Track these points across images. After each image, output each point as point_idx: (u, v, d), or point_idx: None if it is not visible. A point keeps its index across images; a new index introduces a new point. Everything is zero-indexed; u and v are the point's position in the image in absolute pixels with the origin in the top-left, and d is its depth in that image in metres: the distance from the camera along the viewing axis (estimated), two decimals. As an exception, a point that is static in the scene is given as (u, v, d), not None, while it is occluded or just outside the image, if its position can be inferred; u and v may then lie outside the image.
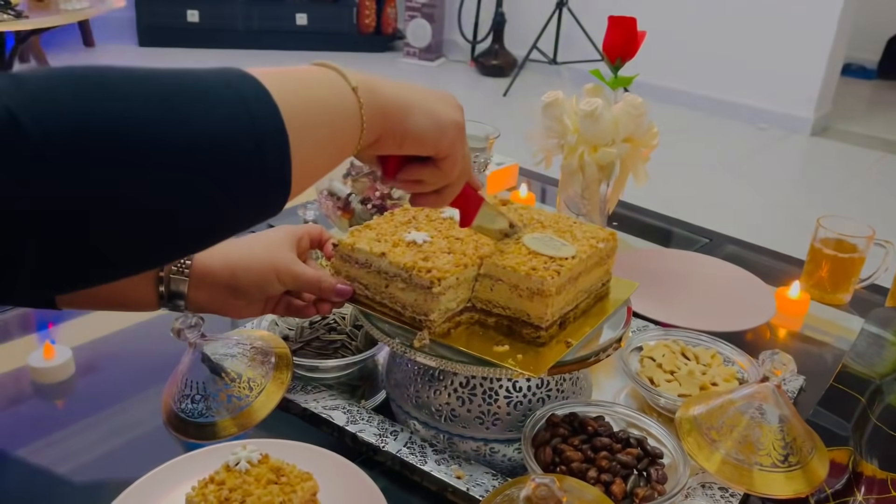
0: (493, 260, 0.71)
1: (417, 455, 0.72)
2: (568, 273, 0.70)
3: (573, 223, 0.80)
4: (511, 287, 0.70)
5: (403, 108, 0.55)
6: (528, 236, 0.75)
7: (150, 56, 4.24)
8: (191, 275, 0.70)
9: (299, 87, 0.49)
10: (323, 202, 1.15)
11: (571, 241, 0.75)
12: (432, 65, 4.55)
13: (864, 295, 1.13)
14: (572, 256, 0.72)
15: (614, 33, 1.07)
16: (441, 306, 0.69)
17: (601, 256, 0.77)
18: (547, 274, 0.68)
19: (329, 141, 0.50)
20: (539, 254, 0.72)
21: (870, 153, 3.48)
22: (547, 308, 0.69)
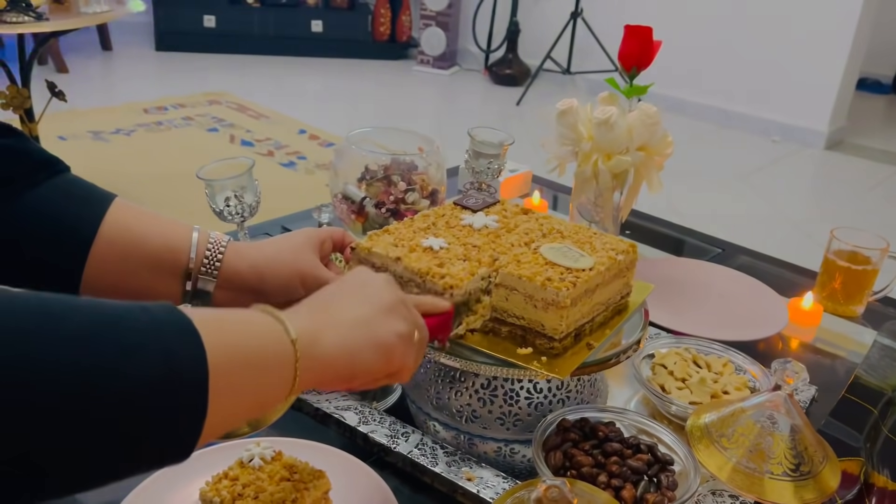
0: (508, 269, 0.71)
1: (428, 457, 0.73)
2: (584, 285, 0.70)
3: (593, 234, 0.79)
4: (526, 297, 0.70)
5: (349, 354, 0.52)
6: (545, 246, 0.75)
7: (166, 60, 4.28)
8: (219, 275, 0.69)
9: (234, 338, 0.45)
10: (337, 206, 1.15)
11: (590, 252, 0.75)
12: (446, 73, 4.57)
13: (876, 307, 1.13)
14: (590, 268, 0.72)
15: (630, 42, 1.08)
16: None
17: (620, 269, 0.77)
18: (562, 285, 0.68)
19: (252, 398, 0.46)
20: (556, 264, 0.71)
21: (884, 167, 3.47)
22: (562, 319, 0.68)
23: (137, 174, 2.69)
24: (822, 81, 3.58)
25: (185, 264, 0.67)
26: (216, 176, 0.97)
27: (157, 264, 0.66)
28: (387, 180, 1.13)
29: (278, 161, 2.96)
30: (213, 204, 0.99)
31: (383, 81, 4.35)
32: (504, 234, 0.79)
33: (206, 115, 3.43)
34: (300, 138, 3.23)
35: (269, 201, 1.24)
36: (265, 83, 4.01)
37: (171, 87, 3.81)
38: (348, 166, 1.15)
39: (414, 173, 1.14)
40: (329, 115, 3.58)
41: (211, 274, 0.68)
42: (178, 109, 3.47)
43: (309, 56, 4.56)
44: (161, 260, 0.66)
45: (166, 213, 0.70)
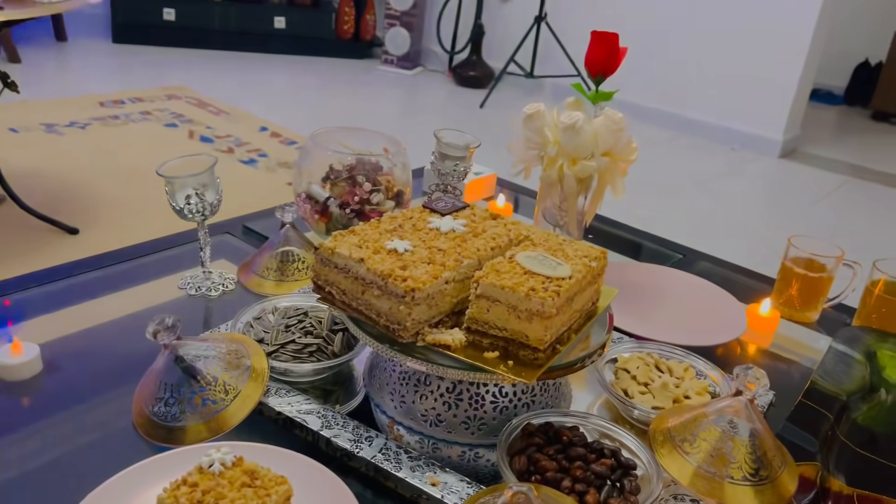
0: (489, 280, 0.69)
1: (392, 461, 0.72)
2: (566, 293, 0.70)
3: (563, 241, 0.79)
4: (509, 308, 0.69)
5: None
6: (521, 254, 0.74)
7: (123, 53, 4.18)
8: None
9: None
10: (301, 206, 1.14)
11: (564, 259, 0.75)
12: (409, 73, 4.55)
13: (830, 314, 1.16)
14: (569, 276, 0.71)
15: (597, 48, 1.09)
16: (415, 316, 0.69)
17: (594, 275, 0.77)
18: (547, 295, 0.67)
19: None
20: (535, 273, 0.71)
21: (836, 177, 3.56)
22: (547, 330, 0.68)
23: (92, 168, 2.62)
24: (777, 91, 3.66)
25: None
26: (177, 173, 0.95)
27: None
28: (352, 180, 1.12)
29: (238, 158, 2.92)
30: (174, 202, 0.96)
31: (347, 80, 4.32)
32: (471, 239, 0.78)
33: (164, 109, 3.36)
34: (261, 136, 3.18)
35: (229, 199, 1.22)
36: (226, 79, 3.95)
37: (128, 81, 3.72)
38: (313, 165, 1.13)
39: (379, 174, 1.14)
40: (291, 112, 3.54)
41: None
42: (135, 103, 3.40)
43: (271, 53, 4.50)
44: None
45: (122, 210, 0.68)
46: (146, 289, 1.07)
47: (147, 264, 1.13)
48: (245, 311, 0.89)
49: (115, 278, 1.08)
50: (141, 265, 1.13)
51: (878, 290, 1.06)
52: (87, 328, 0.96)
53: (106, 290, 1.05)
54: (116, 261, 1.12)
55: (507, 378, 0.68)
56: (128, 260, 1.13)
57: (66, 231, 2.12)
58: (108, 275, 1.09)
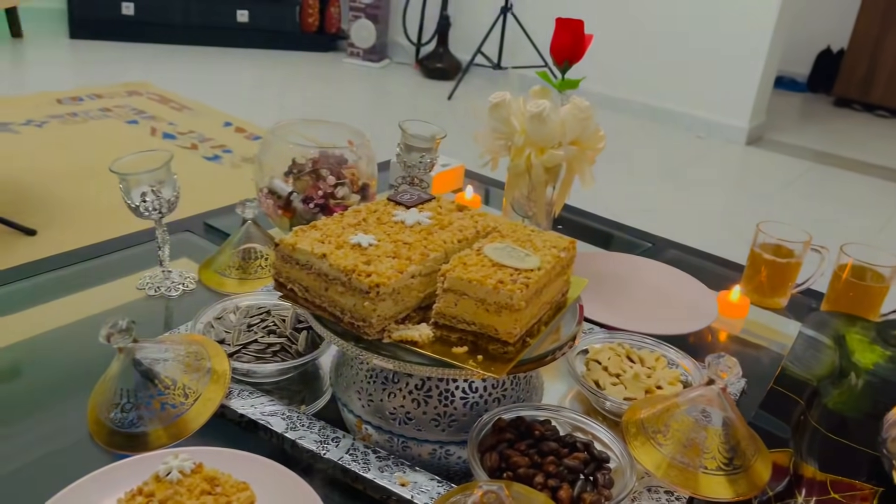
0: (456, 273, 0.67)
1: (360, 462, 0.70)
2: (535, 285, 0.68)
3: (531, 231, 0.78)
4: (477, 302, 0.67)
5: None
6: (489, 247, 0.72)
7: (81, 48, 4.08)
8: None
9: None
10: (263, 201, 1.11)
11: (533, 250, 0.73)
12: (376, 66, 4.51)
13: (799, 299, 1.16)
14: (538, 268, 0.70)
15: (562, 36, 1.07)
16: (380, 312, 0.67)
17: (563, 266, 0.75)
18: (515, 287, 0.66)
19: None
20: (503, 265, 0.69)
21: (800, 163, 3.60)
22: (516, 323, 0.66)
23: (51, 168, 2.55)
24: (742, 79, 3.69)
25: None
26: (131, 169, 0.92)
27: None
28: (315, 174, 1.09)
29: (202, 154, 2.86)
30: (129, 199, 0.93)
31: (312, 74, 4.26)
32: (437, 231, 0.76)
33: (125, 106, 3.29)
34: (225, 131, 3.13)
35: (193, 196, 1.19)
36: (188, 74, 3.87)
37: (87, 77, 3.63)
38: (274, 159, 1.10)
39: (343, 167, 1.11)
40: (256, 107, 3.48)
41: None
42: (94, 100, 3.32)
43: (234, 47, 4.42)
44: None
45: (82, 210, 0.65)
46: (104, 290, 1.03)
47: (105, 265, 1.09)
48: (205, 311, 0.86)
49: (72, 280, 1.05)
50: (99, 266, 1.09)
51: (845, 274, 1.06)
52: (43, 332, 0.92)
53: (63, 292, 1.02)
54: (74, 262, 1.08)
55: (476, 373, 0.66)
56: (85, 260, 1.09)
57: (24, 232, 2.06)
58: (65, 276, 1.05)
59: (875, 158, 3.74)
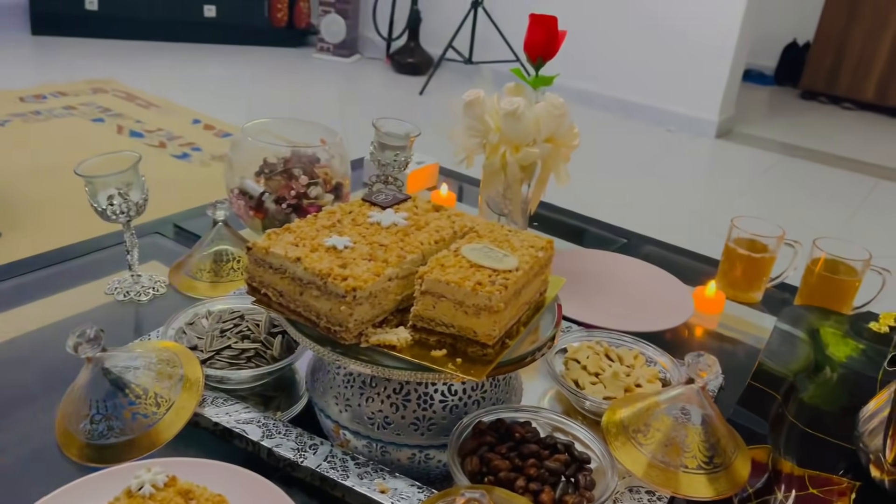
0: (434, 275, 0.66)
1: (339, 469, 0.69)
2: (514, 286, 0.67)
3: (508, 231, 0.77)
4: (455, 304, 0.66)
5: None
6: (466, 247, 0.71)
7: (44, 45, 3.99)
8: None
9: None
10: (234, 202, 1.09)
11: (511, 250, 0.72)
12: (347, 61, 4.47)
13: (773, 293, 1.17)
14: (516, 268, 0.69)
15: (535, 32, 1.06)
16: (357, 316, 0.66)
17: (541, 266, 0.75)
18: (494, 289, 0.65)
19: None
20: (481, 266, 0.68)
21: (769, 155, 3.65)
22: (495, 325, 0.65)
23: (13, 168, 2.48)
24: (711, 73, 3.72)
25: None
26: (98, 172, 0.89)
27: None
28: (287, 174, 1.08)
29: (171, 153, 2.81)
30: (95, 203, 0.90)
31: (282, 69, 4.21)
32: (414, 233, 0.75)
33: (90, 103, 3.22)
34: (194, 128, 3.08)
35: (162, 196, 1.16)
36: (155, 71, 3.81)
37: (50, 74, 3.55)
38: (245, 159, 1.08)
39: (316, 166, 1.09)
40: (225, 104, 3.43)
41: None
42: (58, 98, 3.25)
43: (201, 42, 4.35)
44: None
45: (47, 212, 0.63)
46: (71, 295, 1.00)
47: (72, 269, 1.06)
48: (176, 317, 0.84)
49: (38, 285, 1.02)
50: (66, 270, 1.06)
51: (818, 268, 1.07)
52: (8, 339, 0.90)
53: (28, 297, 0.99)
54: (39, 266, 1.05)
55: (456, 377, 0.65)
56: (52, 265, 1.06)
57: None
58: (30, 281, 1.02)
59: (841, 150, 3.79)
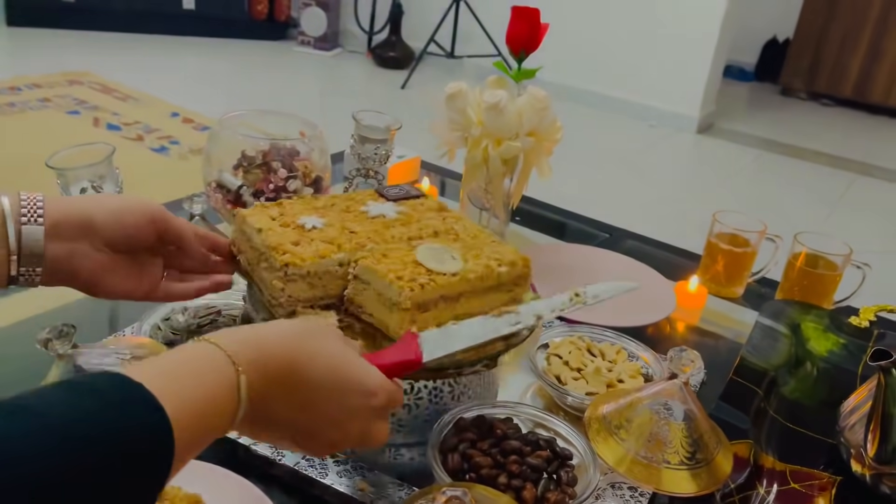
0: (367, 262, 0.66)
1: (317, 468, 0.67)
2: (437, 290, 0.65)
3: (490, 242, 0.74)
4: (377, 294, 0.66)
5: None
6: (424, 245, 0.71)
7: (19, 36, 3.92)
8: (53, 217, 0.59)
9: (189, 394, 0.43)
10: (211, 195, 1.07)
11: (472, 259, 0.70)
12: (328, 55, 4.44)
13: (755, 288, 1.17)
14: (452, 273, 0.67)
15: (518, 24, 1.05)
16: (290, 293, 0.66)
17: (501, 281, 0.71)
18: (407, 286, 0.64)
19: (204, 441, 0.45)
20: (421, 264, 0.67)
21: (749, 151, 3.67)
22: (403, 323, 0.64)
23: (-13, 161, 2.44)
24: (692, 69, 3.73)
25: None
26: (70, 164, 0.87)
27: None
28: (266, 167, 1.06)
29: (149, 146, 2.78)
30: (67, 196, 0.88)
31: (262, 63, 4.17)
32: (395, 227, 0.74)
33: (65, 96, 3.17)
34: (173, 121, 3.04)
35: (140, 189, 1.14)
36: (132, 63, 3.75)
37: (25, 66, 3.49)
38: (223, 152, 1.06)
39: (295, 159, 1.07)
40: (204, 97, 3.40)
41: (34, 221, 0.58)
42: (33, 90, 3.19)
43: (180, 35, 4.30)
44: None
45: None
46: (42, 290, 0.98)
47: (44, 264, 1.04)
48: (152, 313, 0.82)
49: (8, 280, 0.99)
50: (37, 265, 1.03)
51: (799, 262, 1.07)
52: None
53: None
54: (9, 261, 1.03)
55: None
56: (22, 260, 1.03)
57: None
58: (0, 277, 0.99)
59: (820, 146, 3.83)
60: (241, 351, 0.46)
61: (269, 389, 0.47)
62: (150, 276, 0.67)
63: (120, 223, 0.62)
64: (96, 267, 0.62)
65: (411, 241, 0.72)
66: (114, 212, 0.62)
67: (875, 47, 4.38)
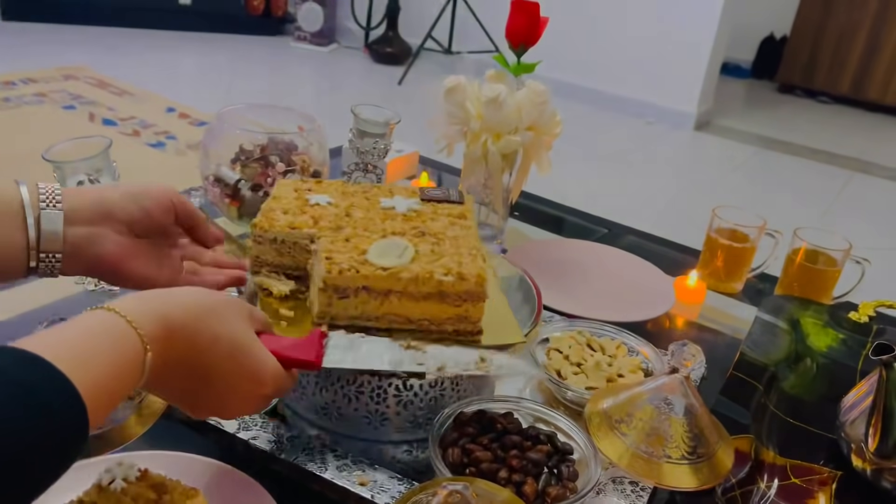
0: (323, 240, 0.70)
1: (317, 462, 0.67)
2: (360, 279, 0.65)
3: (469, 254, 0.70)
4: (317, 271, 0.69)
5: None
6: (390, 238, 0.71)
7: (14, 31, 3.89)
8: (72, 203, 0.59)
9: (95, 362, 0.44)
10: (209, 189, 1.06)
11: (424, 262, 0.68)
12: (324, 50, 4.43)
13: (753, 283, 1.16)
14: (382, 267, 0.66)
15: (517, 18, 1.05)
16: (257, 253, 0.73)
17: (442, 290, 0.67)
18: (334, 267, 0.66)
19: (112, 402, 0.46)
20: (364, 253, 0.68)
21: (747, 148, 3.67)
22: (321, 304, 0.66)
23: (-18, 156, 2.43)
24: (690, 66, 3.73)
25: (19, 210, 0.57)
26: (67, 157, 0.86)
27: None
28: (264, 161, 1.05)
29: (145, 141, 2.76)
30: (64, 189, 0.88)
31: (258, 58, 4.16)
32: (395, 220, 0.75)
33: (61, 91, 3.15)
34: (169, 117, 3.03)
35: (133, 185, 1.13)
36: (128, 58, 3.74)
37: (19, 61, 3.47)
38: (221, 146, 1.06)
39: (294, 153, 1.07)
40: (200, 92, 3.38)
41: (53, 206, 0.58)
42: (28, 85, 3.17)
43: (176, 30, 4.28)
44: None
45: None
46: (40, 284, 0.97)
47: (40, 258, 1.03)
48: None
49: (4, 275, 0.98)
50: (33, 259, 1.03)
51: (798, 258, 1.07)
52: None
53: (-5, 287, 0.95)
54: (5, 255, 1.02)
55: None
56: (18, 254, 1.03)
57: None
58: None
59: (817, 143, 3.83)
60: (149, 329, 0.48)
61: (169, 367, 0.50)
62: (170, 265, 0.68)
63: (138, 205, 0.64)
64: (118, 250, 0.63)
65: (393, 235, 0.72)
66: (132, 195, 0.64)
67: (872, 45, 4.39)
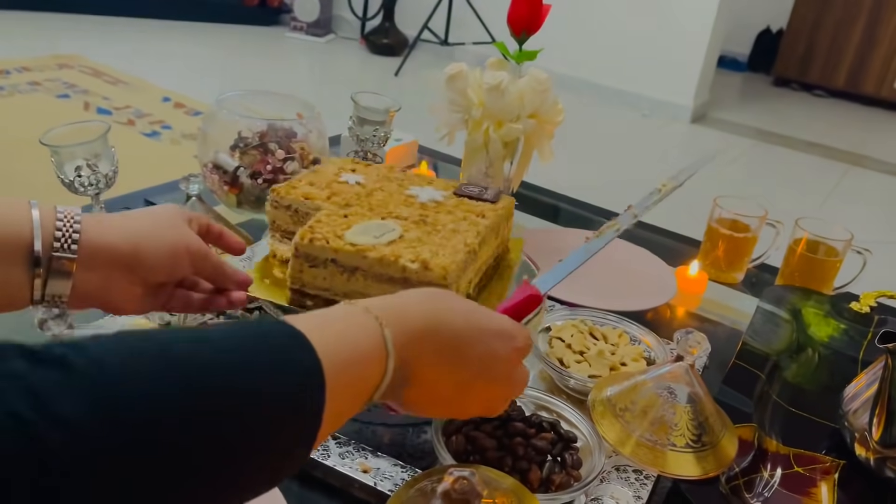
0: (324, 212, 0.72)
1: (319, 449, 0.66)
2: (327, 251, 0.67)
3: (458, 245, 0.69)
4: None
5: None
6: (375, 222, 0.71)
7: (7, 19, 3.85)
8: (80, 251, 0.56)
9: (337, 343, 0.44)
10: (208, 176, 1.05)
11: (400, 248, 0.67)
12: (321, 41, 4.40)
13: (754, 274, 1.16)
14: (351, 243, 0.67)
15: (519, 5, 1.04)
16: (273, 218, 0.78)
17: (406, 277, 0.66)
18: (301, 233, 0.68)
19: (352, 394, 0.46)
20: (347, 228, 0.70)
21: (743, 140, 3.67)
22: (293, 270, 0.69)
23: (-25, 144, 2.41)
24: (687, 58, 3.73)
25: (27, 244, 0.55)
26: (64, 142, 0.85)
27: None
28: (263, 148, 1.04)
29: (140, 130, 2.75)
30: (62, 174, 0.87)
31: (254, 48, 4.14)
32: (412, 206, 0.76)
33: (55, 79, 3.13)
34: (164, 106, 3.01)
35: (131, 173, 1.12)
36: (123, 47, 3.71)
37: (13, 49, 3.44)
38: (219, 132, 1.05)
39: (293, 141, 1.06)
40: (196, 82, 3.36)
41: (67, 249, 0.55)
42: (22, 73, 3.15)
43: (171, 19, 4.25)
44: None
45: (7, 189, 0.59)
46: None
47: (37, 245, 1.02)
48: (149, 293, 0.81)
49: None
50: (30, 246, 1.02)
51: (800, 248, 1.07)
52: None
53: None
54: (1, 242, 1.01)
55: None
56: (14, 241, 1.02)
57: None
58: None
59: (813, 137, 3.83)
60: (381, 312, 0.47)
61: (414, 345, 0.48)
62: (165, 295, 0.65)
63: (169, 268, 0.61)
64: (127, 296, 0.61)
65: (397, 219, 0.72)
66: (166, 255, 0.60)
67: (868, 39, 4.39)
